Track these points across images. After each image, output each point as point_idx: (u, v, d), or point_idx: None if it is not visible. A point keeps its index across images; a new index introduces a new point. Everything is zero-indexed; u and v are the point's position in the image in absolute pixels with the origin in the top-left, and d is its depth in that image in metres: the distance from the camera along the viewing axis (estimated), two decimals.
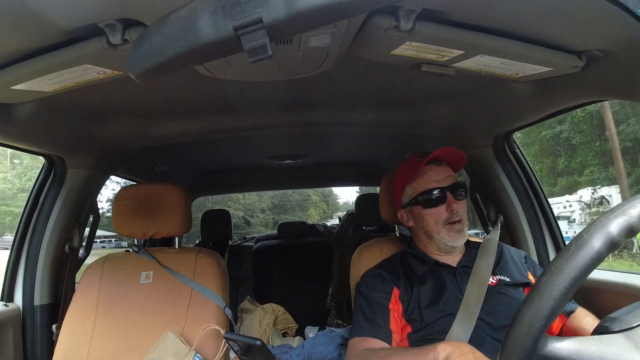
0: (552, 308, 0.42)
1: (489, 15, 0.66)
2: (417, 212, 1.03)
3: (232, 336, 0.89)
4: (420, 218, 1.02)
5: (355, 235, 2.46)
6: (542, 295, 0.42)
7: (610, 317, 0.46)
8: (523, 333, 0.42)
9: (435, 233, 0.99)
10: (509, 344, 0.43)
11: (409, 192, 1.04)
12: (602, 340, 0.42)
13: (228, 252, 2.69)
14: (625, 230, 0.41)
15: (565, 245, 0.45)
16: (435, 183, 0.99)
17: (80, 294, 1.18)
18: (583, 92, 0.92)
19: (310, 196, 20.59)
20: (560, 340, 0.43)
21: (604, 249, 0.41)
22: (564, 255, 0.43)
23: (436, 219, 0.99)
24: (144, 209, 1.21)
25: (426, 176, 1.01)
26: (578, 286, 0.42)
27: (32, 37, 0.64)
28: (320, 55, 0.78)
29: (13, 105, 0.95)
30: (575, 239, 0.43)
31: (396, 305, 0.97)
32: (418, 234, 1.06)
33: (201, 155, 2.02)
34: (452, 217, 0.98)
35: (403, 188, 1.06)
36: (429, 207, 0.99)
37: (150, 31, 0.47)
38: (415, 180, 1.02)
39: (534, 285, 0.44)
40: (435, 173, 1.00)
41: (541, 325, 0.41)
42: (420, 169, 1.00)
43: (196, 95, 1.14)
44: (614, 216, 0.42)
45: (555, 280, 0.42)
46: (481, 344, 0.86)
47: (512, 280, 0.98)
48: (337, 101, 1.27)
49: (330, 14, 0.41)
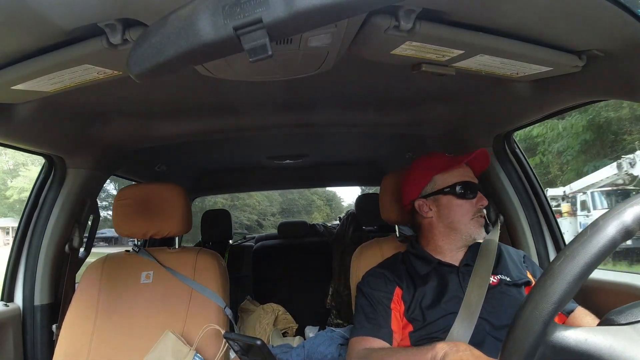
0: (565, 292, 0.41)
1: (489, 15, 0.66)
2: (445, 202, 1.03)
3: (232, 336, 0.89)
4: (448, 208, 1.02)
5: (355, 235, 2.47)
6: (555, 278, 0.42)
7: (616, 311, 0.46)
8: (533, 316, 0.42)
9: (463, 225, 1.01)
10: (518, 327, 0.43)
11: (439, 182, 1.04)
12: (610, 331, 0.42)
13: (228, 252, 2.69)
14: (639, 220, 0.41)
15: (576, 235, 0.45)
16: (469, 178, 1.03)
17: (81, 294, 1.18)
18: (583, 92, 0.92)
19: (314, 201, 21.72)
20: (568, 328, 0.43)
21: (619, 236, 0.41)
22: (579, 239, 0.43)
23: (466, 211, 1.01)
24: (144, 209, 1.21)
25: (461, 170, 1.04)
26: (591, 272, 0.42)
27: (32, 37, 0.64)
28: (320, 55, 0.78)
29: (13, 105, 0.95)
30: (591, 225, 0.43)
31: (398, 305, 0.97)
32: (436, 226, 1.04)
33: (201, 155, 2.02)
34: (479, 212, 1.02)
35: (431, 177, 1.05)
36: (462, 198, 1.01)
37: (150, 31, 0.47)
38: (448, 172, 1.04)
39: (547, 269, 0.44)
40: (466, 171, 1.05)
41: (552, 309, 0.41)
42: (455, 163, 1.04)
43: (196, 95, 1.14)
44: (630, 205, 0.42)
45: (569, 264, 0.42)
46: (482, 343, 0.86)
47: (512, 279, 0.98)
48: (337, 101, 1.27)
49: (330, 14, 0.41)
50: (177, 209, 1.22)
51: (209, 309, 1.16)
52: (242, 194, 15.65)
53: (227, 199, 15.03)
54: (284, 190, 18.10)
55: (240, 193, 12.12)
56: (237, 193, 11.69)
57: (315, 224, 2.86)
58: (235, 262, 2.63)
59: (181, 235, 1.30)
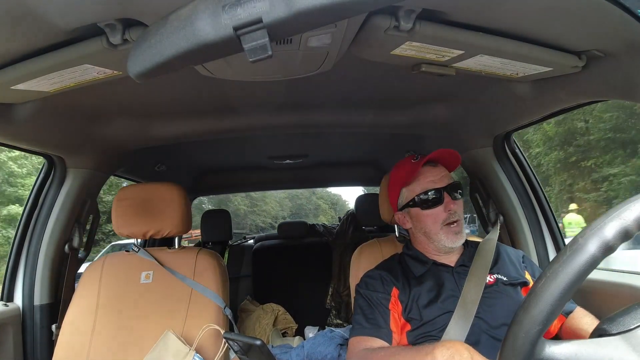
0: (549, 313, 0.42)
1: (489, 15, 0.66)
2: (415, 213, 1.03)
3: (232, 336, 0.89)
4: (418, 220, 1.02)
5: (355, 235, 2.47)
6: (538, 300, 0.42)
7: (608, 319, 0.45)
8: (520, 338, 0.42)
9: (434, 234, 1.00)
10: (507, 349, 0.43)
11: (406, 194, 1.04)
12: (600, 343, 0.42)
13: (228, 252, 2.69)
14: (620, 234, 0.41)
15: (557, 254, 0.45)
16: (431, 184, 1.00)
17: (80, 293, 1.18)
18: (583, 92, 0.92)
19: (320, 205, 24.19)
20: (558, 344, 0.43)
21: (599, 253, 0.41)
22: (560, 259, 0.43)
23: (434, 220, 0.99)
24: (144, 208, 1.21)
25: (422, 177, 1.01)
26: (574, 290, 0.42)
27: (32, 37, 0.64)
28: (320, 55, 0.78)
29: (13, 105, 0.95)
30: (570, 243, 0.43)
31: (396, 306, 0.97)
32: (416, 235, 1.06)
33: (201, 155, 2.02)
34: (450, 218, 0.98)
35: (399, 190, 1.06)
36: (427, 209, 1.00)
37: (150, 31, 0.47)
38: (412, 182, 1.02)
39: (531, 290, 0.44)
40: (431, 174, 1.01)
41: (538, 330, 0.42)
42: (416, 171, 1.01)
43: (196, 96, 1.14)
44: (609, 220, 0.42)
45: (551, 285, 0.42)
46: (478, 341, 0.86)
47: (509, 279, 0.98)
48: (337, 101, 1.27)
49: (330, 14, 0.41)
50: (177, 209, 1.22)
51: (208, 309, 1.16)
52: (259, 201, 17.70)
53: (248, 206, 17.13)
54: (294, 197, 22.22)
55: (257, 201, 12.95)
56: (240, 194, 12.08)
57: (315, 224, 2.86)
58: (235, 262, 2.63)
59: (181, 235, 1.30)
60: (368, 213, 2.27)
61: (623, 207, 0.42)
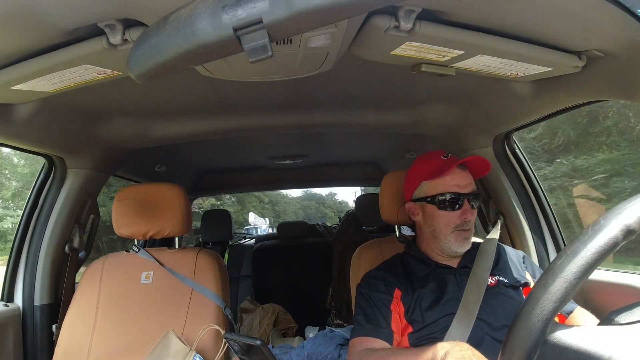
0: (566, 290, 0.41)
1: (489, 15, 0.66)
2: (429, 210, 1.01)
3: (232, 336, 0.89)
4: (431, 217, 1.00)
5: (355, 235, 2.47)
6: (556, 277, 0.42)
7: (616, 311, 0.46)
8: (535, 314, 0.42)
9: (443, 236, 0.98)
10: (520, 325, 0.42)
11: (426, 189, 1.01)
12: (610, 331, 0.42)
13: (228, 252, 2.69)
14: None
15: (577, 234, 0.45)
16: (456, 187, 0.97)
17: (81, 294, 1.18)
18: (583, 92, 0.91)
19: (327, 213, 26.77)
20: (568, 327, 0.42)
21: (620, 236, 0.41)
22: (581, 238, 0.42)
23: (447, 223, 0.97)
24: (145, 209, 1.21)
25: (449, 178, 0.98)
26: (592, 271, 0.41)
27: (32, 37, 0.64)
28: (320, 56, 0.78)
29: (13, 105, 0.95)
30: (592, 224, 0.43)
31: (397, 307, 0.97)
32: (424, 231, 1.04)
33: (201, 155, 2.03)
34: (463, 225, 0.97)
35: (420, 182, 1.03)
36: (444, 210, 0.97)
37: (150, 31, 0.47)
38: (436, 179, 0.99)
39: (548, 267, 0.44)
40: (459, 177, 0.98)
41: (553, 307, 0.41)
42: (446, 169, 0.98)
43: (196, 96, 1.14)
44: (632, 204, 0.42)
45: (570, 263, 0.41)
46: (480, 343, 0.86)
47: (510, 281, 0.98)
48: (337, 101, 1.27)
49: (330, 14, 0.41)
50: (177, 209, 1.22)
51: (208, 309, 1.16)
52: (281, 212, 22.48)
53: (273, 216, 20.80)
54: (306, 207, 26.92)
55: (280, 213, 14.34)
56: (266, 207, 12.96)
57: (315, 224, 2.86)
58: (235, 262, 2.63)
59: (181, 236, 1.30)
60: (368, 213, 2.28)
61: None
